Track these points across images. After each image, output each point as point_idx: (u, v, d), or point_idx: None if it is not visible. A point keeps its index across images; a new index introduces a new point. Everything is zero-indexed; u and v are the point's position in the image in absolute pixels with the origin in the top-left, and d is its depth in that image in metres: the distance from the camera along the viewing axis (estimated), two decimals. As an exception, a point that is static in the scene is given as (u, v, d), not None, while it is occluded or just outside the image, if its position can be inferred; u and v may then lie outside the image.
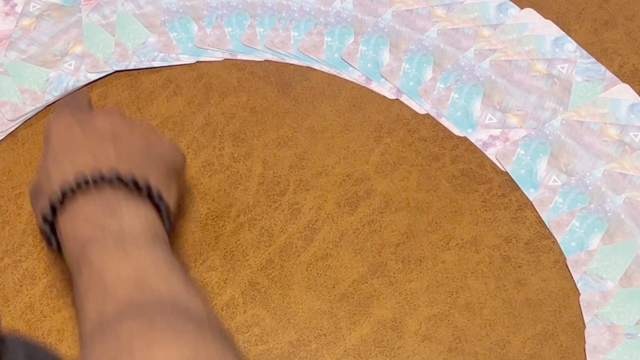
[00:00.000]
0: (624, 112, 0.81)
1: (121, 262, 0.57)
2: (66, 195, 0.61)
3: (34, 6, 0.88)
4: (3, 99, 0.82)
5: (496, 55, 0.84)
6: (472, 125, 0.81)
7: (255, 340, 0.72)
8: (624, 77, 0.84)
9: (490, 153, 0.80)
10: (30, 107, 0.81)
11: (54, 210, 0.62)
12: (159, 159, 0.68)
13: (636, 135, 0.80)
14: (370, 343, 0.72)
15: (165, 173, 0.67)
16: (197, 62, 0.85)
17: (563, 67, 0.84)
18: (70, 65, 0.84)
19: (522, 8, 0.87)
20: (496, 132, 0.81)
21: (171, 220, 0.65)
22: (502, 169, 0.80)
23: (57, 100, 0.81)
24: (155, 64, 0.85)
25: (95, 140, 0.65)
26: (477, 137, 0.81)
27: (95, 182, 0.61)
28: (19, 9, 0.88)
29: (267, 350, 0.71)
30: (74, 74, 0.84)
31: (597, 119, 0.81)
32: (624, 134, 0.80)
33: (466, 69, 0.84)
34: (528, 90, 0.83)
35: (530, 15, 0.87)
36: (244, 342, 0.72)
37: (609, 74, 0.84)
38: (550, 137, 0.80)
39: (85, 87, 0.82)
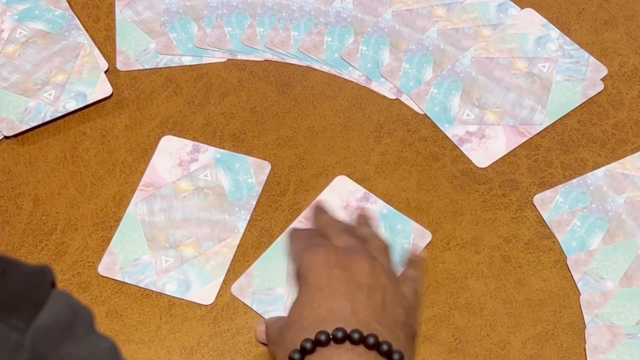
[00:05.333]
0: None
1: None
2: (305, 350, 0.59)
3: (20, 32, 0.86)
4: None
5: (477, 53, 0.84)
6: (450, 120, 0.82)
7: (256, 341, 0.72)
8: (624, 76, 0.84)
9: (465, 149, 0.80)
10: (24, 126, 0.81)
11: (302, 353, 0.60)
12: (403, 317, 0.63)
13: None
14: (371, 343, 0.72)
15: (408, 334, 0.64)
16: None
17: (544, 66, 0.84)
18: (50, 94, 0.82)
19: (522, 8, 0.87)
20: (473, 128, 0.81)
21: None
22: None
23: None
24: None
25: (351, 289, 0.62)
26: (453, 133, 0.81)
27: (340, 339, 0.59)
28: (5, 35, 0.86)
29: (268, 350, 0.71)
30: (52, 104, 0.82)
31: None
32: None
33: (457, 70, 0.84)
34: (507, 87, 0.83)
35: (531, 15, 0.87)
36: (245, 344, 0.72)
37: (589, 74, 0.84)
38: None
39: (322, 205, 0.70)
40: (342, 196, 0.78)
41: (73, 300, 0.44)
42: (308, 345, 0.58)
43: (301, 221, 0.77)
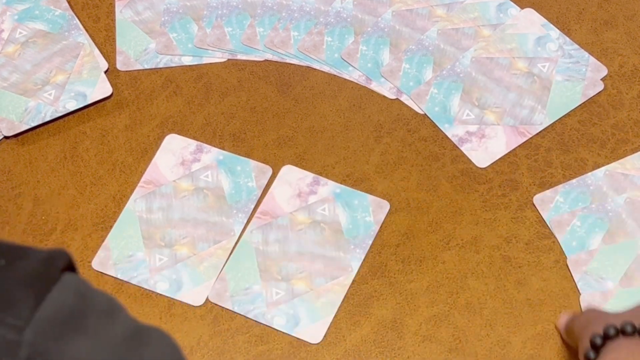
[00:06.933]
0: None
1: None
2: (608, 336, 0.61)
3: (20, 32, 0.86)
4: None
5: (477, 53, 0.84)
6: (450, 120, 0.82)
7: (256, 341, 0.72)
8: (624, 76, 0.84)
9: (465, 149, 0.80)
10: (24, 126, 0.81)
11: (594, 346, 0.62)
12: None
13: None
14: (371, 343, 0.72)
15: None
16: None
17: (544, 66, 0.84)
18: (50, 94, 0.82)
19: (522, 8, 0.87)
20: (473, 128, 0.81)
21: None
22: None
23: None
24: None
25: None
26: (453, 133, 0.81)
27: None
28: (5, 35, 0.86)
29: (268, 350, 0.71)
30: (52, 104, 0.82)
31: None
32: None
33: (457, 69, 0.84)
34: (507, 87, 0.83)
35: (531, 15, 0.87)
36: (245, 343, 0.72)
37: (589, 74, 0.84)
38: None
39: None
40: (292, 185, 0.78)
41: (84, 286, 0.41)
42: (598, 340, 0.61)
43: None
